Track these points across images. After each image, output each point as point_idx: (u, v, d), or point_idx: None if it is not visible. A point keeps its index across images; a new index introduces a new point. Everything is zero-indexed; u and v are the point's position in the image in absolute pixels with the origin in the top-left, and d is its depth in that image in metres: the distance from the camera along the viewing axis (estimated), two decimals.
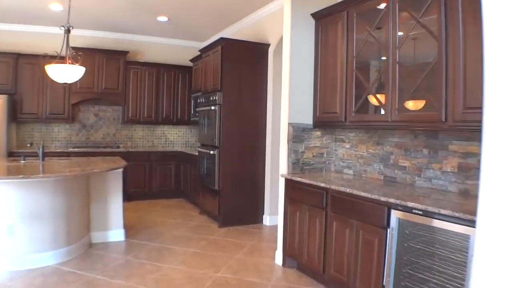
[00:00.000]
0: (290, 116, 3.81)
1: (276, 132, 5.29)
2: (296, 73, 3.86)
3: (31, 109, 6.35)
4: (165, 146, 7.63)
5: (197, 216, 5.86)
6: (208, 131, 5.55)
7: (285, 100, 3.85)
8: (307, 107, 3.90)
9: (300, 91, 3.87)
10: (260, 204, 5.51)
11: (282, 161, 3.88)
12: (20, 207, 3.54)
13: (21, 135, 6.61)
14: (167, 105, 7.28)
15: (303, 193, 3.52)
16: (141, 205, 6.51)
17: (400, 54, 3.04)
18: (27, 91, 6.31)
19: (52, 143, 6.79)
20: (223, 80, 5.19)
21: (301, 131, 3.85)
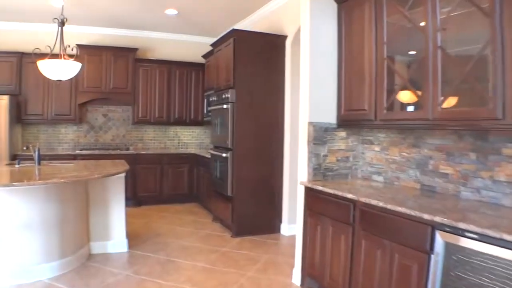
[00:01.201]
0: (310, 114, 3.30)
1: (295, 133, 4.78)
2: (316, 65, 3.35)
3: (36, 110, 6.05)
4: (178, 148, 7.23)
5: (209, 224, 5.42)
6: (221, 132, 5.09)
7: (305, 96, 3.35)
8: (330, 104, 3.38)
9: (322, 86, 3.36)
10: (277, 212, 5.01)
11: (302, 166, 3.38)
12: (7, 216, 3.16)
13: (27, 137, 6.32)
14: (179, 104, 6.87)
15: (326, 205, 3.00)
16: (150, 211, 6.11)
17: (441, 38, 2.50)
18: (32, 91, 6.02)
19: (59, 145, 6.48)
20: (236, 76, 4.72)
21: (323, 131, 3.34)
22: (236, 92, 4.71)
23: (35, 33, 6.21)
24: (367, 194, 2.71)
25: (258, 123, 4.84)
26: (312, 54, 3.33)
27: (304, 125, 3.35)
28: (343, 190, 2.86)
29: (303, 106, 3.37)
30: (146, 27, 6.57)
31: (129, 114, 6.83)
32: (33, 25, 6.22)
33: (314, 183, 3.18)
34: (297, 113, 4.68)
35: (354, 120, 3.24)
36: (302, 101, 3.39)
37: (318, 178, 3.32)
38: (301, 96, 3.41)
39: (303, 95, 3.38)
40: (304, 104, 3.36)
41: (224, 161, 4.89)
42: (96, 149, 6.41)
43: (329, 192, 2.94)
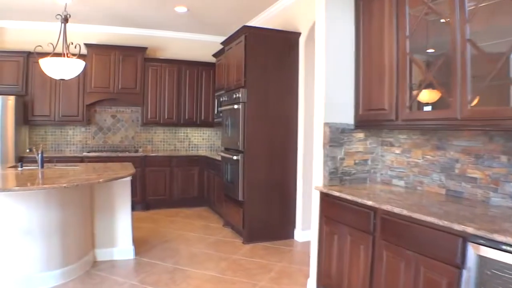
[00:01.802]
0: (326, 114, 3.08)
1: (309, 134, 4.57)
2: (332, 62, 3.14)
3: (43, 111, 5.96)
4: (188, 150, 7.07)
5: (219, 229, 5.23)
6: (232, 134, 4.90)
7: (320, 94, 3.14)
8: (347, 103, 3.16)
9: (338, 84, 3.14)
10: (291, 217, 4.80)
11: (317, 170, 3.16)
12: (6, 222, 3.02)
13: (34, 139, 6.24)
14: (189, 105, 6.71)
15: (344, 212, 2.78)
16: (159, 215, 5.96)
17: (470, 30, 2.27)
18: (39, 92, 5.93)
19: (66, 147, 6.37)
20: (247, 74, 4.53)
21: (340, 132, 3.11)
22: (247, 92, 4.52)
23: (42, 32, 6.10)
24: (388, 201, 2.49)
25: (271, 124, 4.64)
26: (327, 50, 3.12)
27: (319, 126, 3.13)
28: (362, 196, 2.64)
29: (318, 106, 3.16)
30: (155, 25, 6.42)
31: (138, 115, 6.70)
32: (40, 24, 6.13)
33: (331, 188, 2.96)
34: (311, 113, 4.48)
35: (373, 120, 3.02)
36: (317, 100, 3.17)
37: (335, 182, 3.10)
38: (316, 95, 3.20)
39: (318, 94, 3.17)
40: (319, 104, 3.15)
41: (235, 164, 4.70)
42: (104, 151, 6.29)
43: (347, 198, 2.72)
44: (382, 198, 2.59)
